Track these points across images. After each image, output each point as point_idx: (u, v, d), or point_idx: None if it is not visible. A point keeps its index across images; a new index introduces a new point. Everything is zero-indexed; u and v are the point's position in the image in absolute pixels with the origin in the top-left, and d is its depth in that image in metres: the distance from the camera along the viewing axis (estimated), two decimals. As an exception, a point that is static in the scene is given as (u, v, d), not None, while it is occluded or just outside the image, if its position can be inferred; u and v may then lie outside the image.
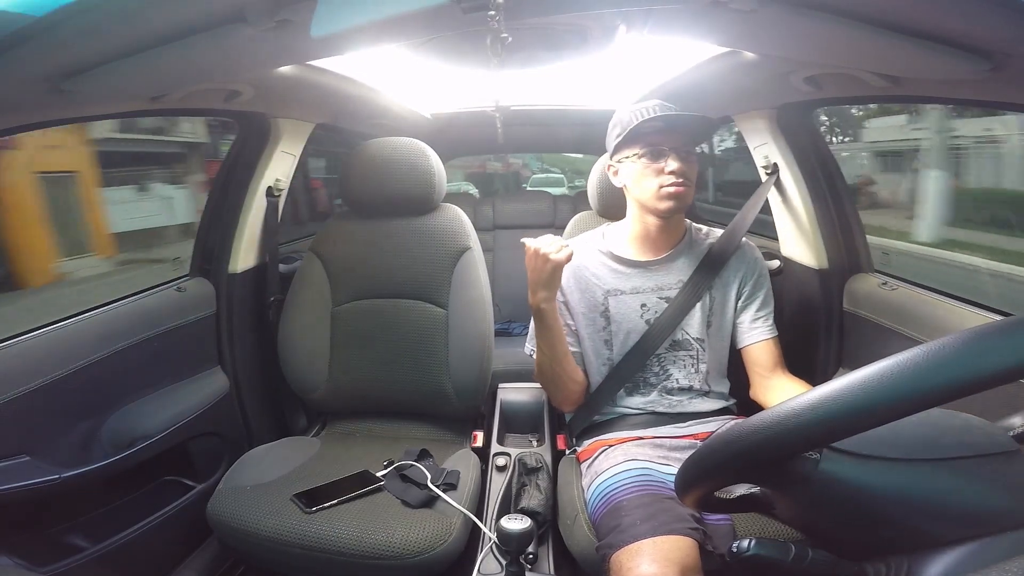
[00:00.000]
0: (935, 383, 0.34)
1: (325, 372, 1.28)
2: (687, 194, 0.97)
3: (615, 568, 0.76)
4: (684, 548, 0.74)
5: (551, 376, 1.03)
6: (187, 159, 5.06)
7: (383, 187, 1.25)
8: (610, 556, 0.78)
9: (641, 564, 0.73)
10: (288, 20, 0.64)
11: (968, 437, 0.44)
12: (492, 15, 0.56)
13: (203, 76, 0.90)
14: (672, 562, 0.72)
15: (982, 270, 1.82)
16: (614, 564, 0.77)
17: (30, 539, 0.91)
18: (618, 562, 0.76)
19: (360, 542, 0.90)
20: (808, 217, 1.23)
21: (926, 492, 0.40)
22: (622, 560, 0.75)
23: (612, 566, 0.77)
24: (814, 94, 1.04)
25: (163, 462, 1.13)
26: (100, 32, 0.61)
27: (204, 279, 1.33)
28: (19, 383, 0.89)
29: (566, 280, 1.04)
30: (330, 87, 1.24)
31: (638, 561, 0.73)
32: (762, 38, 0.82)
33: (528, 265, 0.94)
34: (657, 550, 0.73)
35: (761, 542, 0.44)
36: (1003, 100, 0.77)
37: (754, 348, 1.03)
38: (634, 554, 0.74)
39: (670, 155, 0.95)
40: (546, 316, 0.96)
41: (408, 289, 1.26)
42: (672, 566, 0.72)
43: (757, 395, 1.03)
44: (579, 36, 1.00)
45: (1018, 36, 0.56)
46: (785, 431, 0.39)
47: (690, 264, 1.04)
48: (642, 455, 0.94)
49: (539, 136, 2.51)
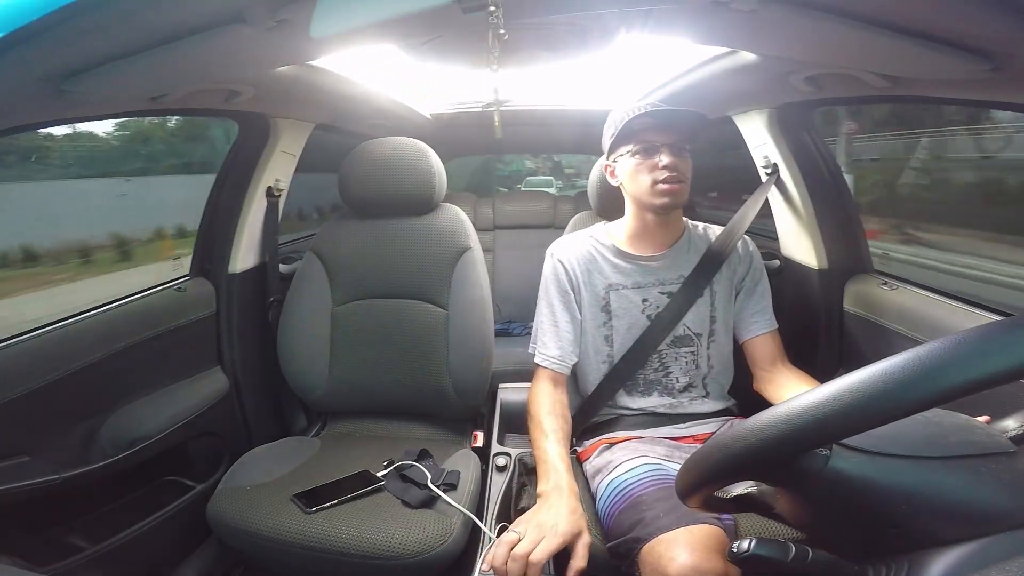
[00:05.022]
0: (956, 376, 0.34)
1: (325, 372, 1.28)
2: (682, 190, 0.97)
3: (650, 560, 0.73)
4: (716, 536, 0.73)
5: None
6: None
7: (383, 187, 1.25)
8: (639, 549, 0.75)
9: (680, 553, 0.70)
10: (287, 20, 0.64)
11: (971, 436, 0.44)
12: (492, 11, 0.57)
13: (203, 76, 0.90)
14: (710, 549, 0.70)
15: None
16: (647, 556, 0.74)
17: (30, 539, 0.91)
18: (653, 553, 0.73)
19: (360, 542, 0.90)
20: (808, 217, 1.23)
21: (932, 489, 0.40)
22: (659, 551, 0.72)
23: (645, 558, 0.74)
24: (814, 94, 1.04)
25: (163, 462, 1.13)
26: (100, 32, 0.61)
27: (204, 279, 1.34)
28: (19, 383, 0.89)
29: (577, 272, 1.05)
30: (330, 87, 1.24)
31: (677, 551, 0.70)
32: (762, 38, 0.82)
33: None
34: (693, 538, 0.71)
35: (761, 542, 0.43)
36: (1003, 100, 0.77)
37: (755, 341, 1.03)
38: (670, 544, 0.72)
39: (663, 151, 0.95)
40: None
41: (408, 289, 1.26)
42: (711, 553, 0.70)
43: (760, 388, 1.03)
44: (579, 36, 1.01)
45: (1018, 36, 0.56)
46: (802, 425, 0.39)
47: (691, 259, 1.04)
48: (650, 452, 0.94)
49: (538, 136, 2.51)
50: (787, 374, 1.01)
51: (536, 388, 1.02)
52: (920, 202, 1.82)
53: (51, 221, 1.53)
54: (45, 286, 1.47)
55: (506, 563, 0.71)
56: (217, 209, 1.37)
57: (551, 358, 1.03)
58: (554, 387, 1.01)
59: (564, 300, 1.04)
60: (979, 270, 1.46)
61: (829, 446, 0.41)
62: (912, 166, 1.78)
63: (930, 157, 1.71)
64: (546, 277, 1.08)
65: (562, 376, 1.03)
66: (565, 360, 1.03)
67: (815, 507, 0.46)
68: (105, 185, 1.80)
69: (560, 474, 0.84)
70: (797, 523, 0.50)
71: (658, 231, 1.04)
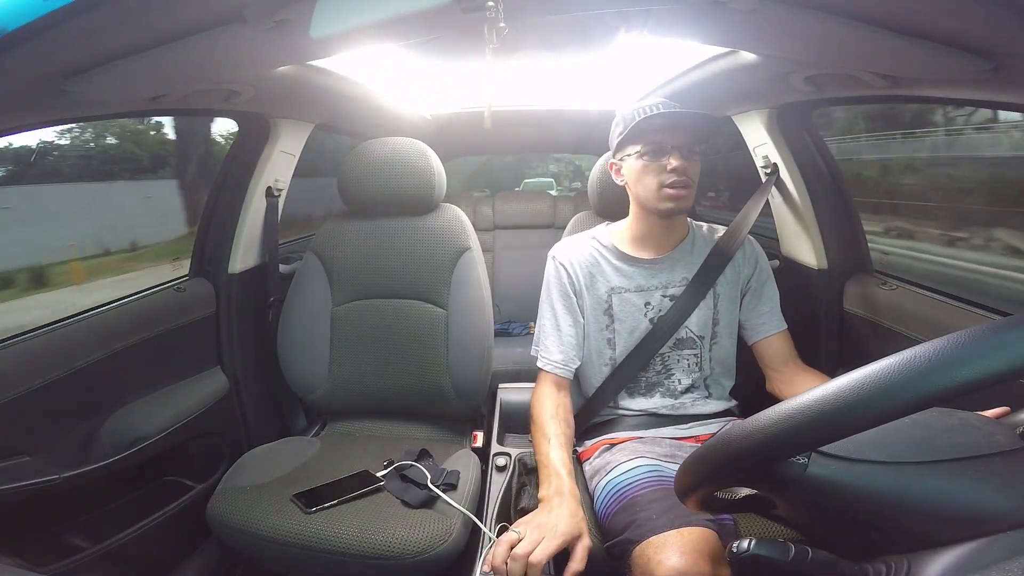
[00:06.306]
0: (905, 393, 0.34)
1: (325, 372, 1.28)
2: (688, 195, 0.96)
3: (640, 562, 0.73)
4: (708, 539, 0.73)
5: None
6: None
7: (383, 187, 1.25)
8: (631, 551, 0.76)
9: (670, 556, 0.70)
10: (287, 20, 0.64)
11: (962, 437, 0.44)
12: (492, 6, 0.57)
13: (203, 76, 0.90)
14: (700, 552, 0.70)
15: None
16: (638, 558, 0.74)
17: (30, 539, 0.91)
18: (644, 555, 0.73)
19: (360, 542, 0.90)
20: (808, 217, 1.23)
21: (916, 494, 0.40)
22: (648, 553, 0.72)
23: (636, 560, 0.74)
24: (814, 94, 1.04)
25: (163, 462, 1.13)
26: (100, 32, 0.61)
27: (204, 279, 1.34)
28: (19, 383, 0.89)
29: (579, 275, 1.04)
30: (330, 87, 1.24)
31: (666, 554, 0.71)
32: (762, 38, 0.82)
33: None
34: (683, 541, 0.72)
35: (761, 542, 0.43)
36: (1003, 100, 0.77)
37: (766, 343, 1.03)
38: (660, 546, 0.72)
39: (672, 153, 0.94)
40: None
41: (408, 289, 1.26)
42: (701, 556, 0.70)
43: (774, 389, 1.02)
44: (579, 36, 1.00)
45: (1018, 36, 0.56)
46: (768, 437, 0.40)
47: (695, 261, 1.03)
48: (649, 453, 0.93)
49: (539, 136, 2.51)
50: (801, 374, 1.00)
51: (539, 392, 1.02)
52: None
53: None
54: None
55: (506, 563, 0.71)
56: (217, 209, 1.37)
57: (553, 362, 1.02)
58: (557, 391, 1.01)
59: (566, 303, 1.04)
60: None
61: (807, 454, 0.41)
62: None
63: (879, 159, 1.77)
64: (548, 280, 1.07)
65: (565, 380, 1.03)
66: (568, 364, 1.02)
67: (805, 512, 0.46)
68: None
69: (562, 479, 0.84)
70: (795, 525, 0.50)
71: (662, 233, 1.03)
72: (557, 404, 0.99)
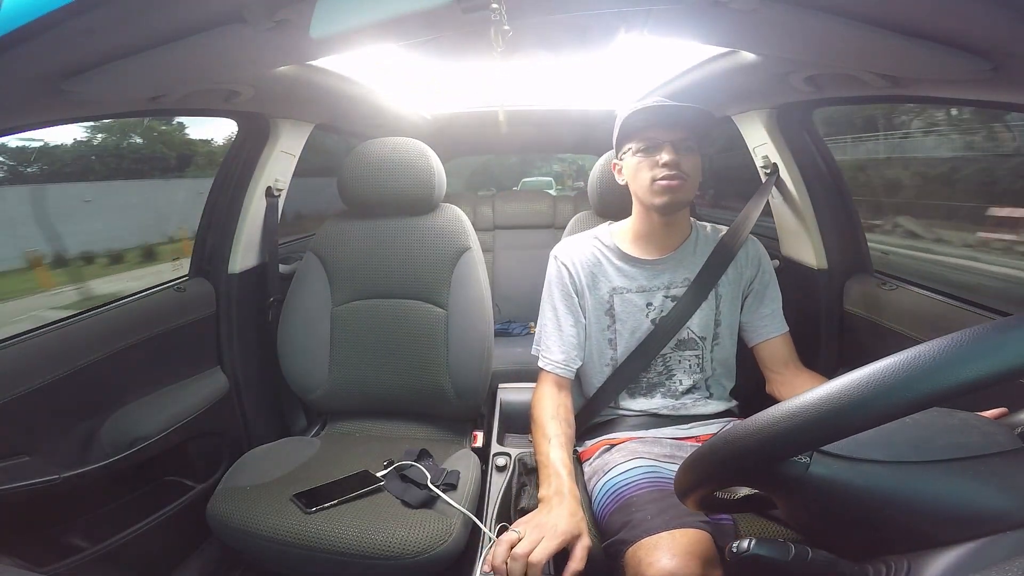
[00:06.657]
0: (907, 392, 0.35)
1: (325, 372, 1.28)
2: (682, 187, 0.95)
3: (632, 563, 0.74)
4: (701, 541, 0.73)
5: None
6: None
7: (383, 187, 1.25)
8: (624, 552, 0.76)
9: (661, 558, 0.70)
10: (287, 20, 0.64)
11: (962, 438, 0.44)
12: (495, 8, 0.57)
13: (203, 76, 0.90)
14: (692, 555, 0.70)
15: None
16: (630, 559, 0.74)
17: (30, 539, 0.91)
18: (635, 557, 0.73)
19: (360, 542, 0.90)
20: (808, 217, 1.23)
21: (917, 494, 0.40)
22: (640, 555, 0.73)
23: (628, 561, 0.75)
24: (813, 94, 1.04)
25: (163, 462, 1.13)
26: (100, 32, 0.61)
27: (204, 279, 1.33)
28: (19, 383, 0.89)
29: (581, 275, 1.04)
30: (329, 87, 1.24)
31: (657, 555, 0.71)
32: (762, 38, 0.82)
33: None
34: (675, 543, 0.72)
35: (761, 542, 0.43)
36: (1003, 100, 0.77)
37: (767, 345, 1.03)
38: (651, 548, 0.72)
39: (665, 148, 0.94)
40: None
41: (408, 289, 1.26)
42: (692, 559, 0.70)
43: (773, 391, 1.03)
44: (579, 36, 1.00)
45: (1018, 36, 0.56)
46: (769, 437, 0.40)
47: (697, 262, 1.03)
48: (648, 453, 0.93)
49: (539, 137, 2.51)
50: (801, 376, 1.00)
51: (540, 392, 1.02)
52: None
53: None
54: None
55: (506, 562, 0.71)
56: (216, 209, 1.37)
57: (555, 362, 1.02)
58: (558, 391, 1.01)
59: (568, 304, 1.04)
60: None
61: (809, 453, 0.41)
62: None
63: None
64: (550, 280, 1.07)
65: (566, 380, 1.03)
66: (569, 364, 1.02)
67: (806, 511, 0.46)
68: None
69: (562, 479, 0.84)
70: (796, 525, 0.50)
71: (664, 232, 1.03)
72: (558, 404, 0.99)
